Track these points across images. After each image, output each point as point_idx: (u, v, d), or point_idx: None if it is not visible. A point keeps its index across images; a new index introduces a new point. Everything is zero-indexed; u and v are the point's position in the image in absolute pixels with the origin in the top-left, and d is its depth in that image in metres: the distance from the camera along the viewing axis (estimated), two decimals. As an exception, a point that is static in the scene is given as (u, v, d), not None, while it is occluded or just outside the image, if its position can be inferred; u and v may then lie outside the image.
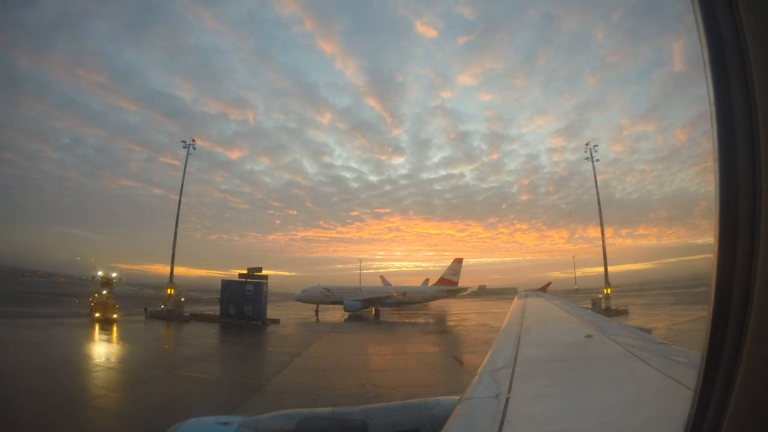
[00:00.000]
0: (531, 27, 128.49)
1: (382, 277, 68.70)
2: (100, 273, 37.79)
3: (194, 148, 45.97)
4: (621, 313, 36.60)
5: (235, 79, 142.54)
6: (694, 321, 26.63)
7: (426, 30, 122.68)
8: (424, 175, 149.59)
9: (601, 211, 44.18)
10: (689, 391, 1.26)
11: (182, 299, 41.11)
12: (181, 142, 45.68)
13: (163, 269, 44.22)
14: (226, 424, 4.32)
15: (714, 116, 1.10)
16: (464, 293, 69.83)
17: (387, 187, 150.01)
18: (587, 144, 46.00)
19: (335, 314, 48.10)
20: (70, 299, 47.99)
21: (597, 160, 45.54)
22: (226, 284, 39.53)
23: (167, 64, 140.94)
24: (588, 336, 4.39)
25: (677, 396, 2.06)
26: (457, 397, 2.94)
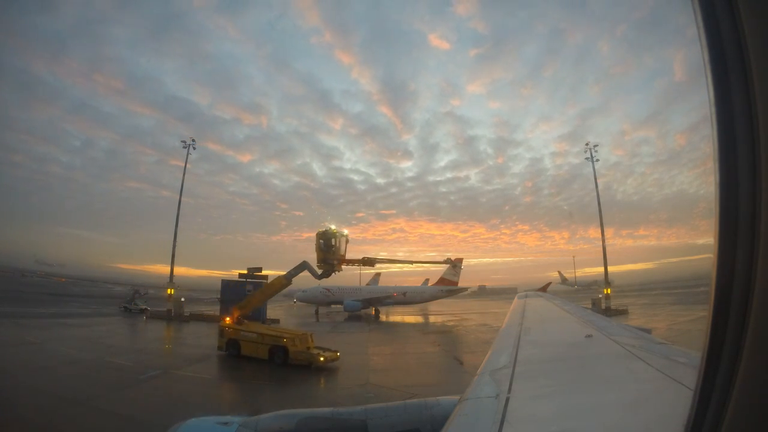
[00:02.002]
0: (539, 40, 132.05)
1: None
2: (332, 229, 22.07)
3: (194, 148, 45.91)
4: (621, 313, 36.57)
5: (251, 86, 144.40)
6: (694, 321, 26.63)
7: (440, 43, 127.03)
8: (431, 178, 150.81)
9: (600, 211, 44.22)
10: (689, 391, 1.26)
11: (182, 299, 41.12)
12: (182, 142, 45.59)
13: (165, 269, 44.09)
14: (226, 424, 4.33)
15: (714, 116, 1.10)
16: (464, 293, 69.76)
17: (393, 189, 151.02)
18: (587, 144, 46.10)
19: (335, 314, 48.08)
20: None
21: (597, 160, 45.64)
22: (226, 284, 39.48)
23: (185, 71, 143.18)
24: (588, 336, 4.39)
25: (677, 396, 2.06)
26: (457, 397, 2.94)
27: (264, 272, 40.38)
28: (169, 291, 40.49)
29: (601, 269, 44.02)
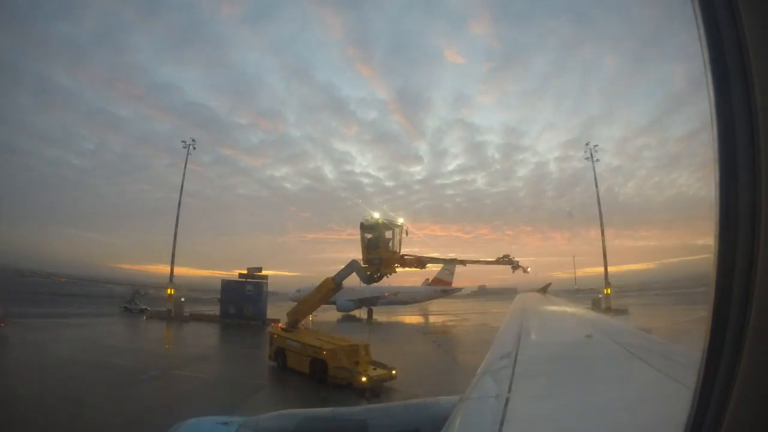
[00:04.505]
0: (548, 55, 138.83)
1: None
2: None
3: (194, 148, 46.01)
4: (621, 313, 36.53)
5: (270, 94, 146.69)
6: (695, 321, 26.60)
7: (455, 58, 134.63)
8: (439, 181, 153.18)
9: (601, 212, 44.43)
10: (689, 391, 1.26)
11: (182, 299, 41.14)
12: (182, 141, 45.67)
13: (166, 269, 44.06)
14: (226, 424, 4.32)
15: (714, 116, 1.10)
16: (465, 293, 69.34)
17: (401, 192, 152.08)
18: (587, 144, 46.37)
19: (334, 314, 48.01)
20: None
21: (597, 160, 45.92)
22: (226, 284, 39.54)
23: (205, 78, 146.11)
24: (588, 336, 4.39)
25: (677, 396, 2.06)
26: (457, 397, 2.95)
27: (264, 272, 40.54)
28: (169, 291, 40.53)
29: (601, 269, 44.15)
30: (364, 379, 14.14)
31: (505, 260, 20.52)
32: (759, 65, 1.02)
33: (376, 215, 19.10)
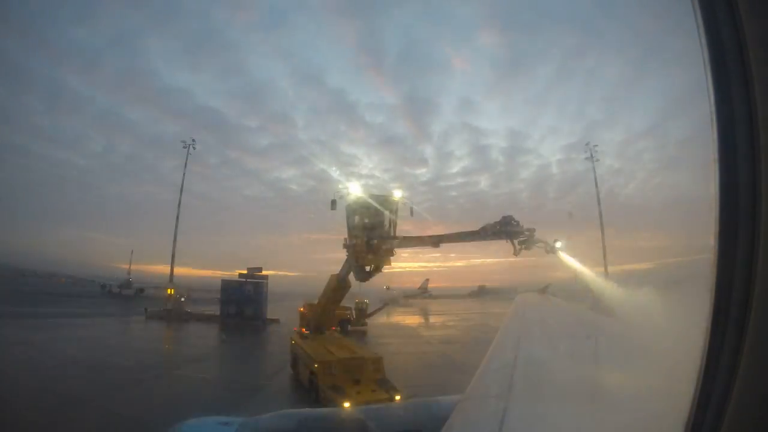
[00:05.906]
0: (553, 63, 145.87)
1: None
2: None
3: (194, 148, 46.18)
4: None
5: (280, 98, 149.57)
6: (694, 321, 26.53)
7: (463, 66, 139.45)
8: (442, 183, 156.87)
9: (601, 211, 44.54)
10: (689, 391, 1.26)
11: (182, 299, 41.08)
12: (182, 142, 45.86)
13: (166, 269, 44.15)
14: (226, 424, 4.33)
15: (714, 117, 1.10)
16: (464, 293, 68.57)
17: (405, 193, 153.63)
18: (587, 144, 46.51)
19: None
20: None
21: (597, 161, 46.05)
22: (226, 284, 39.48)
23: (216, 83, 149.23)
24: (588, 337, 4.40)
25: (677, 396, 2.06)
26: (457, 397, 2.95)
27: (265, 272, 40.48)
28: (169, 291, 40.52)
29: (601, 269, 44.23)
30: (347, 404, 10.79)
31: (497, 230, 12.05)
32: (759, 65, 1.02)
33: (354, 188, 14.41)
